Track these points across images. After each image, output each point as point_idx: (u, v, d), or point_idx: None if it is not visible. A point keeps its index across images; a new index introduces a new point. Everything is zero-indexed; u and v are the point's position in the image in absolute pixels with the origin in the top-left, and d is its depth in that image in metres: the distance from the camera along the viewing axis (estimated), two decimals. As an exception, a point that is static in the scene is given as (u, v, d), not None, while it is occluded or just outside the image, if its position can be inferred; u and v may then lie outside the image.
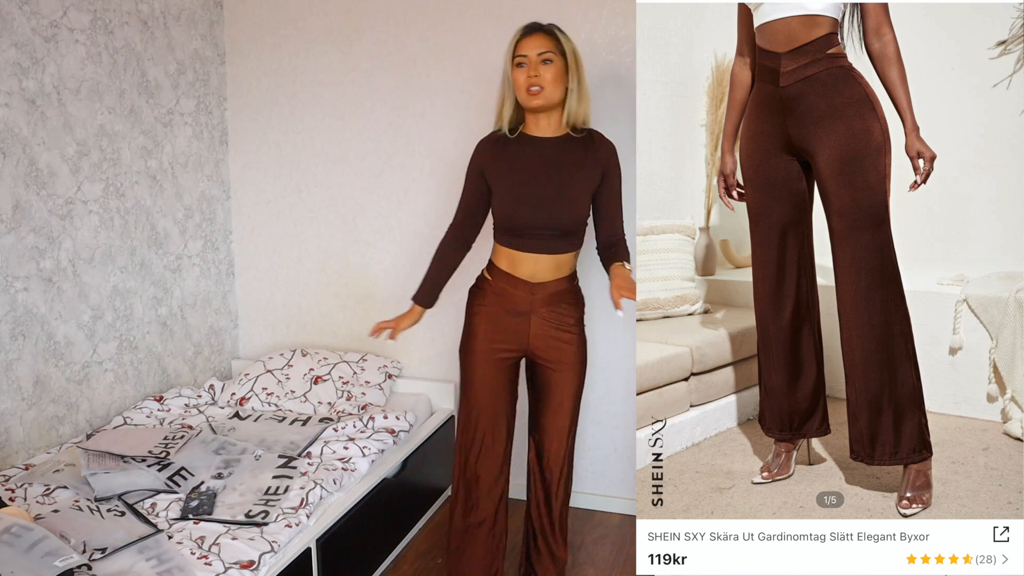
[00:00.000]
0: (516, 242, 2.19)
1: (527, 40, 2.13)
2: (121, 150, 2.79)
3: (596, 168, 2.19)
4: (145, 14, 2.86)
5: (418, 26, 3.01)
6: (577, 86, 2.14)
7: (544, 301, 2.21)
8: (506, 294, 2.22)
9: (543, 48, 2.11)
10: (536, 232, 2.17)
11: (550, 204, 2.14)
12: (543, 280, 2.20)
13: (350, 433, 2.68)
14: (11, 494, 2.20)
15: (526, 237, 2.17)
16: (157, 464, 2.32)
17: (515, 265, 2.21)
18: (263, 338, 3.44)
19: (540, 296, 2.21)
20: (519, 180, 2.17)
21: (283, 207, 3.31)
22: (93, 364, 2.74)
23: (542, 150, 2.18)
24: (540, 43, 2.11)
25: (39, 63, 2.46)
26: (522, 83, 2.11)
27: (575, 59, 2.14)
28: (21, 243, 2.44)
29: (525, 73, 2.11)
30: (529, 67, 2.11)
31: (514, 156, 2.19)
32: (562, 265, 2.22)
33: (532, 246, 2.18)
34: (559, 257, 2.20)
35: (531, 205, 2.15)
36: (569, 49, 2.14)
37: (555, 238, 2.17)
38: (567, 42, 2.14)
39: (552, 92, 2.11)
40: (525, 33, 2.14)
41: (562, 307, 2.23)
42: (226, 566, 1.92)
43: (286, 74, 3.20)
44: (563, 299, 2.23)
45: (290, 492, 2.27)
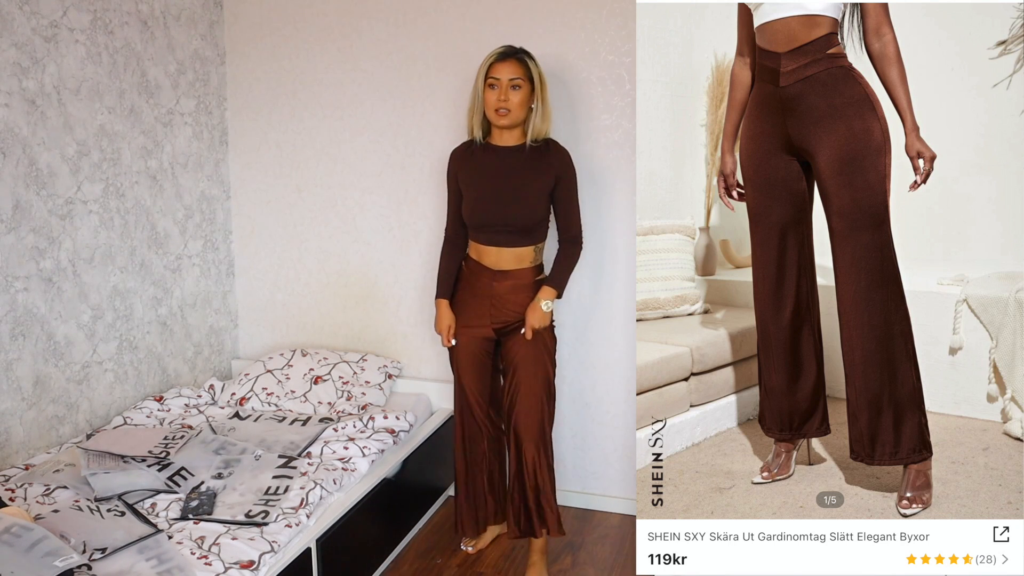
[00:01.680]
0: (480, 236, 2.52)
1: (501, 65, 2.39)
2: (121, 150, 2.79)
3: (550, 173, 2.46)
4: (145, 14, 2.86)
5: (418, 26, 3.01)
6: (541, 106, 2.43)
7: (505, 286, 2.50)
8: (474, 277, 2.54)
9: (514, 75, 2.38)
10: (496, 228, 2.47)
11: (507, 204, 2.45)
12: (505, 269, 2.50)
13: (350, 433, 2.68)
14: (11, 494, 2.20)
15: (488, 232, 2.49)
16: (157, 464, 2.32)
17: (481, 255, 2.53)
18: (263, 338, 3.44)
19: (501, 282, 2.50)
20: (481, 183, 2.48)
21: (283, 207, 3.31)
22: (93, 364, 2.74)
23: (503, 158, 2.48)
24: (512, 69, 2.38)
25: (39, 63, 2.46)
26: (492, 103, 2.41)
27: (541, 83, 2.42)
28: (21, 243, 2.44)
29: (496, 95, 2.39)
30: (500, 90, 2.39)
31: (479, 162, 2.50)
32: (523, 257, 2.50)
33: (493, 240, 2.49)
34: (518, 250, 2.49)
35: (490, 205, 2.46)
36: (536, 75, 2.41)
37: (512, 233, 2.47)
38: (535, 68, 2.42)
39: (517, 114, 2.42)
40: (499, 58, 2.40)
41: (522, 295, 2.50)
42: (226, 566, 1.92)
43: (286, 74, 3.20)
44: (523, 289, 2.50)
45: (290, 492, 2.27)
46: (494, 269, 2.51)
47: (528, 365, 2.49)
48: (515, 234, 2.47)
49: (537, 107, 2.43)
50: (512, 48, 2.42)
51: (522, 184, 2.45)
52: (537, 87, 2.42)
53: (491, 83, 2.40)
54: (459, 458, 2.65)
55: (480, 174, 2.49)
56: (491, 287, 2.51)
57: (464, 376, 2.59)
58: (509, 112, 2.40)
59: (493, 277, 2.51)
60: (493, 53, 2.42)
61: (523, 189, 2.45)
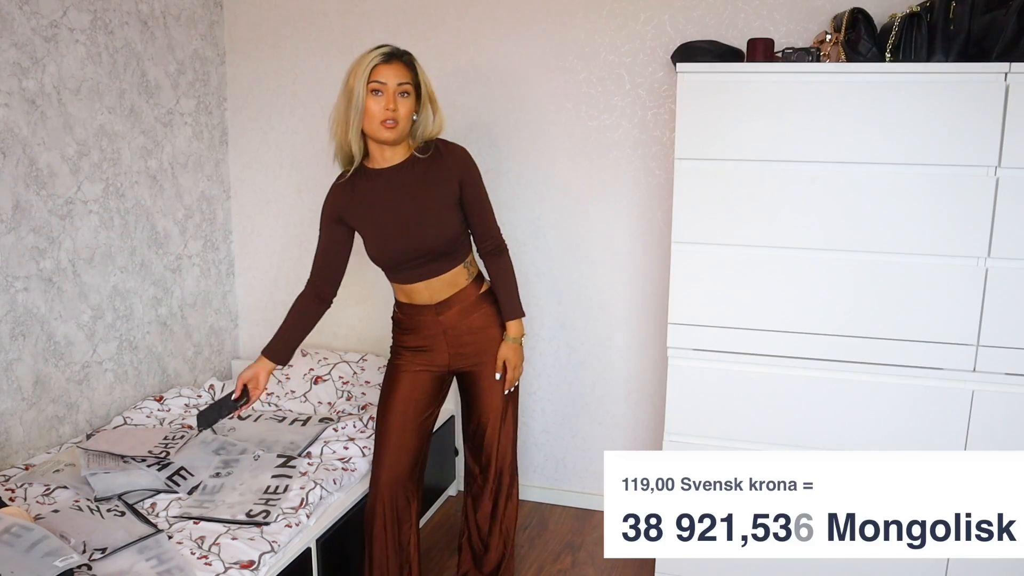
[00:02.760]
0: (401, 276, 2.17)
1: (386, 67, 2.00)
2: (121, 150, 2.79)
3: (451, 180, 2.11)
4: (145, 14, 2.86)
5: (418, 26, 3.01)
6: (431, 110, 2.08)
7: (453, 315, 2.19)
8: (416, 323, 2.20)
9: (402, 79, 2.01)
10: (413, 262, 2.12)
11: (416, 232, 2.09)
12: (444, 298, 2.18)
13: (350, 433, 2.68)
14: (11, 494, 2.20)
15: (408, 269, 2.14)
16: (157, 464, 2.32)
17: (411, 295, 2.19)
18: (263, 338, 3.40)
19: (446, 313, 2.18)
20: (380, 218, 2.10)
21: (283, 207, 3.31)
22: (93, 364, 2.74)
23: (392, 180, 2.10)
24: (399, 73, 2.01)
25: (39, 63, 2.46)
26: (378, 114, 2.00)
27: (428, 91, 2.07)
28: (21, 243, 2.44)
29: (382, 104, 2.00)
30: (387, 98, 1.99)
31: (367, 192, 2.11)
32: (455, 279, 2.18)
33: (416, 275, 2.14)
34: (447, 275, 2.16)
35: (399, 239, 2.10)
36: (424, 82, 2.06)
37: (434, 261, 2.13)
38: (423, 74, 2.07)
39: (405, 126, 2.04)
40: (384, 59, 2.00)
41: (473, 315, 2.21)
42: (226, 566, 1.92)
43: (286, 74, 3.20)
44: (472, 308, 2.21)
45: (290, 492, 2.27)
46: (432, 304, 2.18)
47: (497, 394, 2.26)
48: (436, 261, 2.13)
49: (425, 115, 2.08)
50: (397, 49, 2.05)
51: (424, 203, 2.09)
52: (424, 98, 2.06)
53: (375, 88, 1.99)
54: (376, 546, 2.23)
55: (371, 208, 2.10)
56: (437, 322, 2.18)
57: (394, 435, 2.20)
58: (397, 124, 2.01)
59: (436, 311, 2.18)
60: (375, 53, 2.01)
61: (427, 209, 2.09)
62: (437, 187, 2.10)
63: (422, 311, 2.19)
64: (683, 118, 2.23)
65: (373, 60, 1.99)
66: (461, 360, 2.24)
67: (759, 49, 2.27)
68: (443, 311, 2.18)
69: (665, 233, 2.85)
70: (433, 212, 2.10)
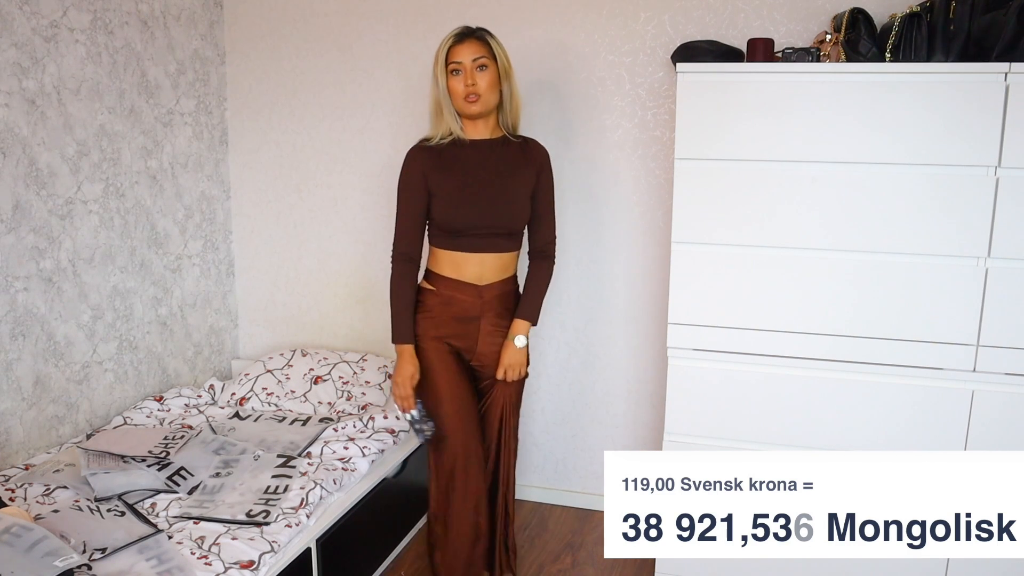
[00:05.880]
0: (460, 243, 2.18)
1: (460, 47, 2.12)
2: (121, 150, 2.79)
3: (532, 168, 2.22)
4: (145, 14, 2.86)
5: (418, 26, 3.01)
6: (510, 89, 2.18)
7: (492, 304, 2.23)
8: (454, 301, 2.21)
9: (477, 54, 2.11)
10: (481, 231, 2.17)
11: (493, 203, 2.16)
12: (490, 281, 2.21)
13: (350, 433, 2.68)
14: (11, 494, 2.19)
15: (470, 237, 2.17)
16: (157, 464, 2.32)
17: (460, 268, 2.20)
18: (263, 338, 3.44)
19: (488, 298, 2.22)
20: (461, 181, 2.16)
21: (283, 207, 3.31)
22: (93, 364, 2.74)
23: (482, 151, 2.19)
24: (474, 49, 2.12)
25: (39, 63, 2.46)
26: (460, 91, 2.12)
27: (506, 63, 2.16)
28: (21, 243, 2.44)
29: (461, 81, 2.11)
30: (465, 75, 2.11)
31: (454, 158, 2.18)
32: (507, 265, 2.24)
33: (477, 246, 2.18)
34: (504, 256, 2.22)
35: (475, 204, 2.15)
36: (500, 54, 2.15)
37: (499, 237, 2.19)
38: (498, 47, 2.15)
39: (489, 98, 2.14)
40: (457, 40, 2.13)
41: (507, 320, 2.26)
42: (226, 566, 1.92)
43: (286, 74, 3.20)
44: (509, 305, 2.26)
45: (290, 492, 2.27)
46: (479, 284, 2.20)
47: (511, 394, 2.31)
48: (501, 237, 2.19)
49: (507, 91, 2.17)
50: (470, 27, 2.16)
51: (509, 180, 2.18)
52: (503, 68, 2.15)
53: (453, 68, 2.11)
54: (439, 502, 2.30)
55: (458, 170, 2.16)
56: (480, 306, 2.20)
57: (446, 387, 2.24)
58: (480, 97, 2.11)
59: (479, 293, 2.20)
60: (449, 35, 2.14)
61: (510, 184, 2.17)
62: (521, 169, 2.21)
63: (464, 289, 2.20)
64: (683, 118, 2.24)
65: (447, 43, 2.13)
66: (480, 359, 2.28)
67: (759, 49, 2.27)
68: (486, 294, 2.21)
69: (665, 233, 2.85)
70: (512, 189, 2.19)
